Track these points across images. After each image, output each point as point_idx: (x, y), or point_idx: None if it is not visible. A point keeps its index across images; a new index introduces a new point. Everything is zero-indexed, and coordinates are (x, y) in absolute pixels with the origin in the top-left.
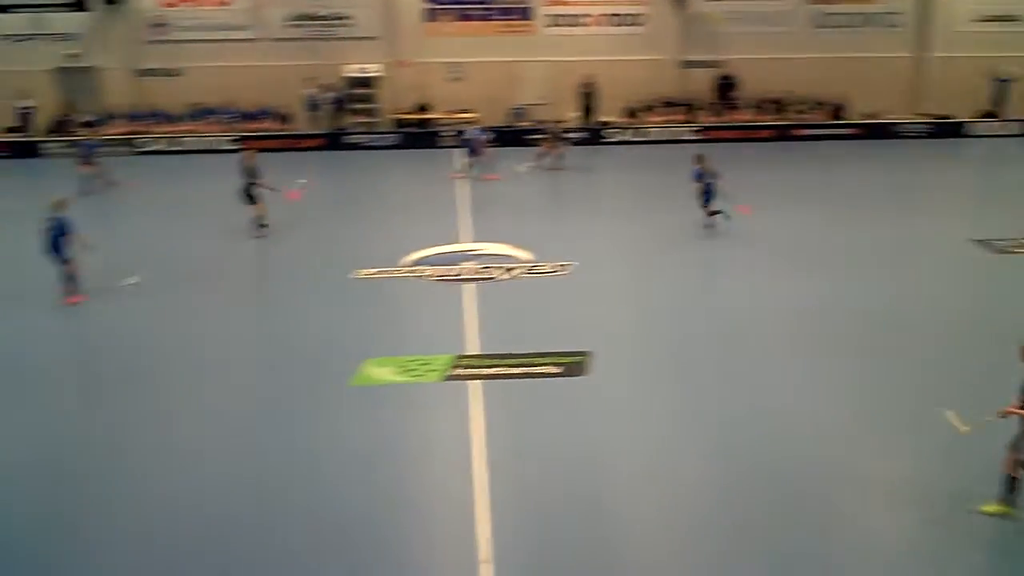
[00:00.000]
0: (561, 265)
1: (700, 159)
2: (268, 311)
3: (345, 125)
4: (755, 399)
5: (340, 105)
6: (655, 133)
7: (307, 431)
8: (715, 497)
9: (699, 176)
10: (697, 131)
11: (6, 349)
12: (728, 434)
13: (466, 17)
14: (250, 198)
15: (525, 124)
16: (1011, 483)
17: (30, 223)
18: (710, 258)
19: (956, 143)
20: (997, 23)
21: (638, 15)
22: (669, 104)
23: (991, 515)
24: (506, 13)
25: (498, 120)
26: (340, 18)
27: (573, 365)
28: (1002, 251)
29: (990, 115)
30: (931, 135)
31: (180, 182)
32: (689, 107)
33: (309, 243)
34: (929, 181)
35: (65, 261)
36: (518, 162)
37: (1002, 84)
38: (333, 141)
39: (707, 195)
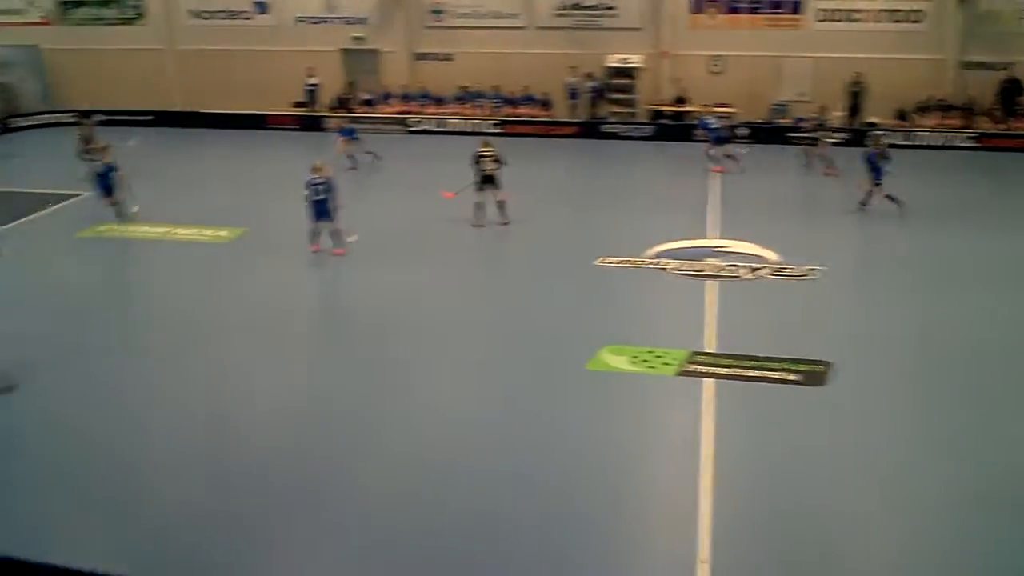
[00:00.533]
0: (809, 269)
1: (877, 141)
2: (518, 289)
3: (602, 114)
4: (1008, 429)
5: (599, 95)
6: (926, 138)
7: (539, 407)
8: (954, 527)
9: (872, 159)
10: (974, 138)
11: (276, 296)
12: (974, 462)
13: (734, 10)
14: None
15: (784, 121)
16: None
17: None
18: (974, 273)
19: None
20: None
21: (917, 11)
22: (944, 107)
23: None
24: (776, 6)
25: (757, 116)
26: (606, 8)
27: (812, 374)
28: None
29: None
30: None
31: (443, 161)
32: (967, 112)
33: (558, 227)
34: None
35: (331, 218)
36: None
37: None
38: (589, 130)
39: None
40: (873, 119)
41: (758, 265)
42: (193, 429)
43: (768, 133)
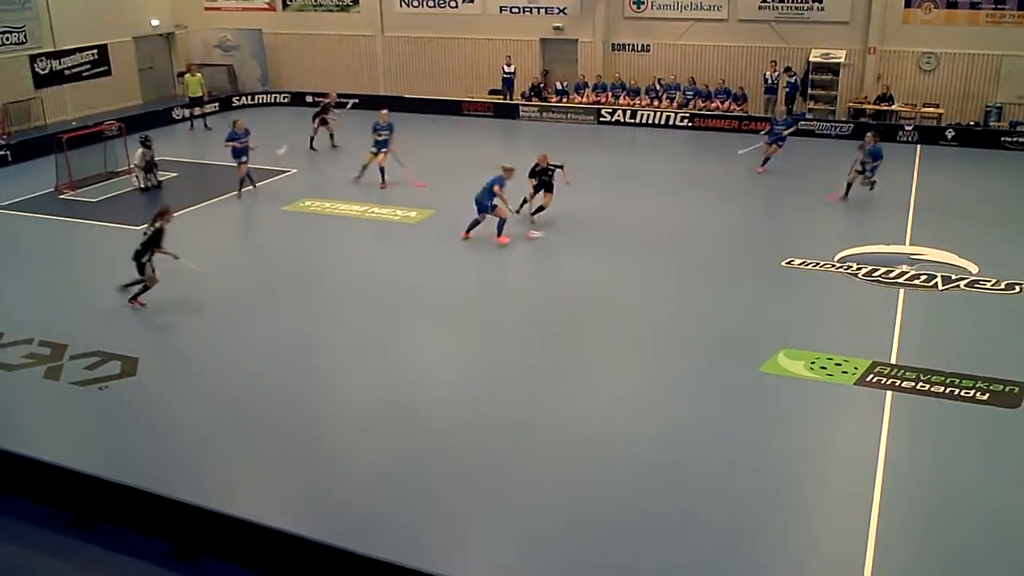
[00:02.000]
0: (1012, 284)
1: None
2: (702, 287)
3: (800, 111)
4: None
5: (798, 90)
6: None
7: (709, 406)
8: None
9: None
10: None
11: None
12: None
13: (952, 5)
14: None
15: (999, 125)
16: None
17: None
18: None
19: None
20: None
21: None
22: None
23: None
24: (999, 2)
25: (968, 118)
26: (812, 1)
27: (1005, 395)
28: None
29: None
30: None
31: (635, 152)
32: None
33: (746, 227)
34: None
35: (492, 209)
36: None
37: None
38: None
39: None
40: None
41: (954, 275)
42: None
43: (979, 136)
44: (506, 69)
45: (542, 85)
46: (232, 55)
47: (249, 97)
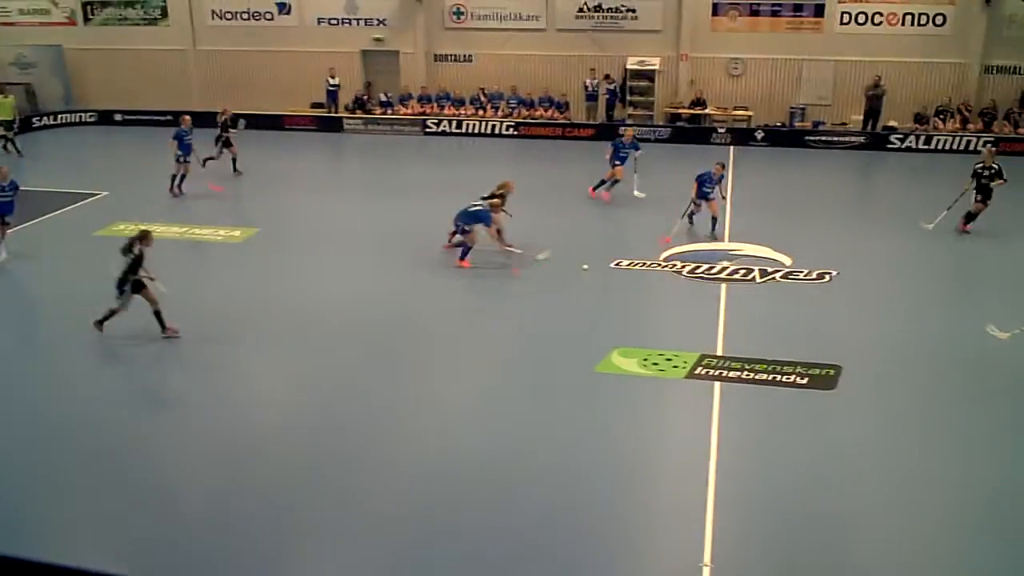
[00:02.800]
0: (822, 273)
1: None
2: (531, 292)
3: (619, 117)
4: (1013, 432)
5: (617, 97)
6: (944, 142)
7: (545, 409)
8: (963, 533)
9: None
10: (992, 142)
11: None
12: (984, 468)
13: (755, 12)
14: None
15: (803, 125)
16: None
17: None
18: (987, 273)
19: None
20: None
21: (940, 14)
22: (965, 112)
23: None
24: (798, 10)
25: (775, 119)
26: (627, 11)
27: (821, 378)
28: None
29: None
30: None
31: (462, 162)
32: (988, 116)
33: (576, 229)
34: None
35: (465, 232)
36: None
37: None
38: (606, 132)
39: None
40: (892, 123)
41: (771, 268)
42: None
43: (786, 136)
44: (330, 82)
45: (366, 97)
46: (30, 73)
47: (51, 117)
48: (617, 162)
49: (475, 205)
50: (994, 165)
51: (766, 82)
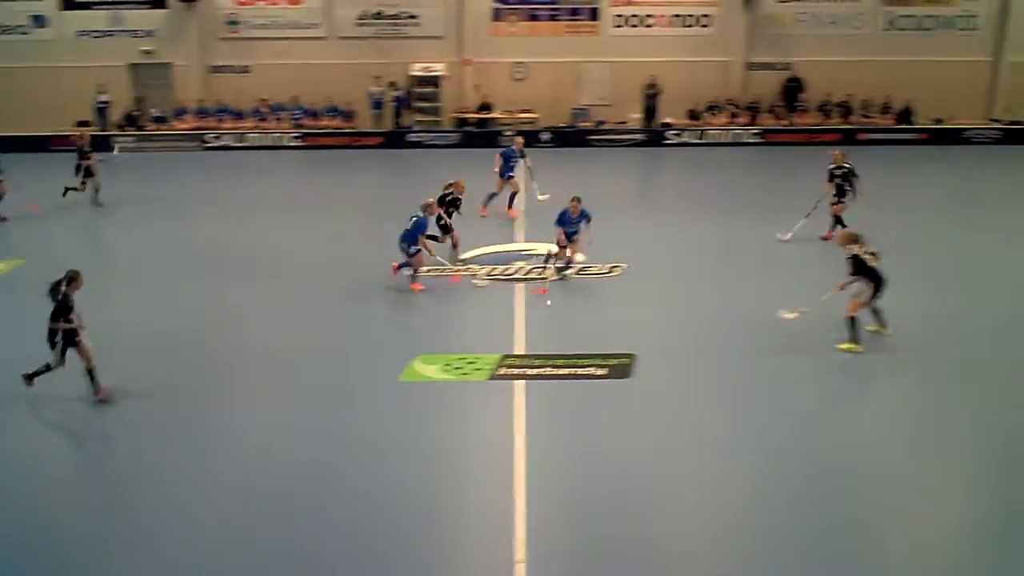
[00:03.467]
0: (613, 267)
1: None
2: (322, 305)
3: (407, 124)
4: (799, 405)
5: (404, 103)
6: (717, 135)
7: (352, 423)
8: (754, 500)
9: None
10: (759, 134)
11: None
12: (770, 439)
13: (533, 17)
14: None
15: (586, 124)
16: (852, 323)
17: None
18: (771, 262)
19: None
20: None
21: (706, 16)
22: (733, 106)
23: (846, 351)
24: (573, 13)
25: (560, 120)
26: (409, 17)
27: (618, 367)
28: None
29: None
30: (1001, 141)
31: (245, 177)
32: (754, 110)
33: (365, 238)
34: (997, 188)
35: (412, 254)
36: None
37: None
38: (394, 139)
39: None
40: (668, 120)
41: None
42: None
43: (571, 136)
44: (99, 98)
45: (137, 113)
46: None
47: None
48: (511, 174)
49: (412, 218)
50: (846, 165)
51: (549, 84)
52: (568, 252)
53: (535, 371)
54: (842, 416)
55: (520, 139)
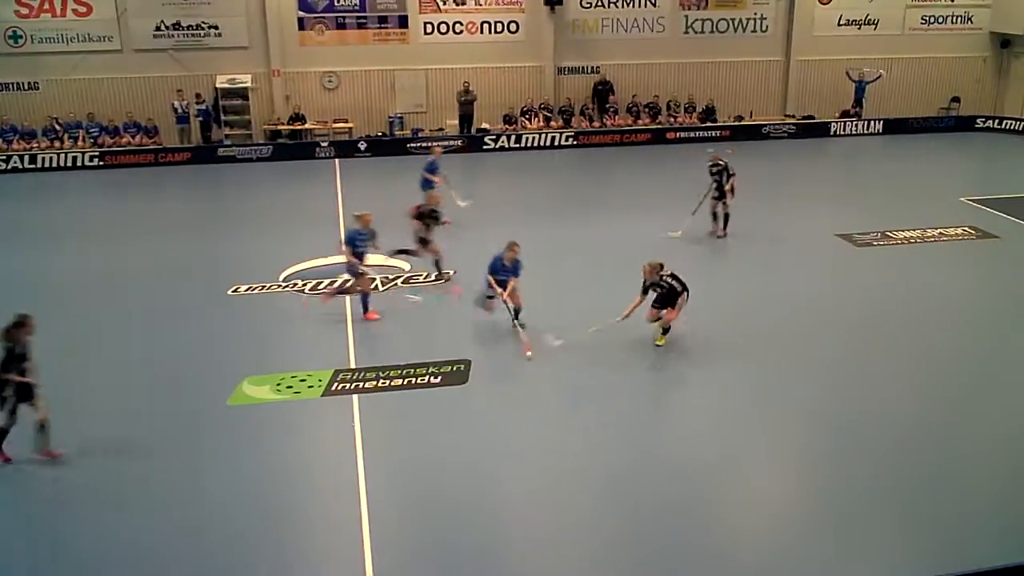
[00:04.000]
0: (441, 274)
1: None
2: (139, 331)
3: (216, 138)
4: (630, 401)
5: (211, 117)
6: (533, 139)
7: (183, 453)
8: (595, 499)
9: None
10: (573, 137)
11: None
12: (605, 435)
13: (341, 26)
14: None
15: (402, 133)
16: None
17: None
18: (594, 261)
19: (821, 142)
20: (855, 27)
21: (514, 22)
22: (547, 110)
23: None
24: (382, 22)
25: (376, 130)
26: (210, 27)
27: (453, 374)
28: (863, 244)
29: (850, 114)
30: (797, 135)
31: (39, 201)
32: (567, 113)
33: (180, 260)
34: (794, 179)
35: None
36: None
37: (862, 85)
38: (204, 155)
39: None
40: (485, 125)
41: (392, 275)
42: None
43: (389, 145)
44: None
45: None
46: None
47: None
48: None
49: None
50: (720, 162)
51: (362, 93)
52: (506, 297)
53: (371, 384)
54: (662, 413)
55: (438, 148)
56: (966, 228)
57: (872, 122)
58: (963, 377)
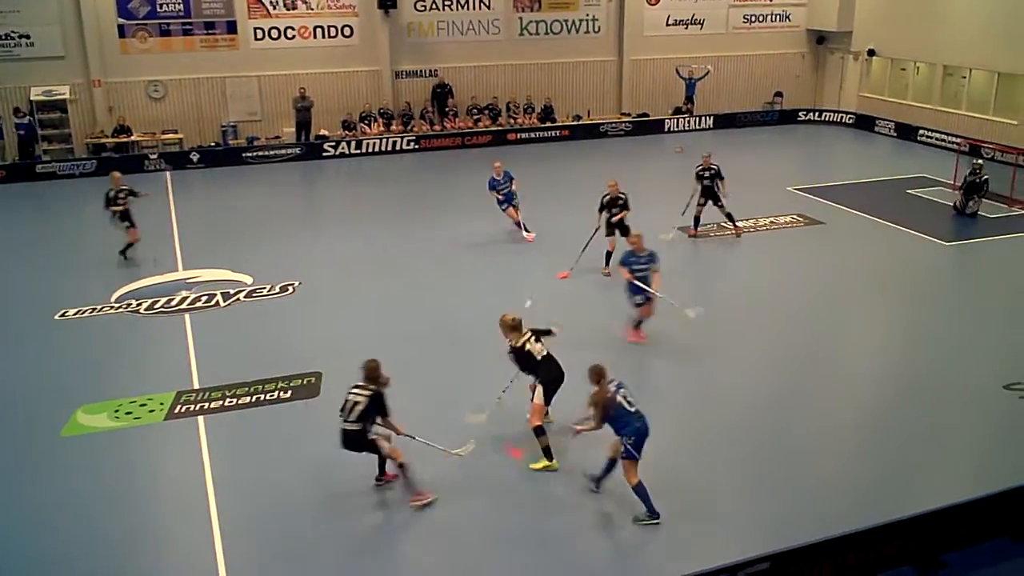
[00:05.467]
0: (285, 286)
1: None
2: None
3: (34, 153)
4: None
5: (33, 131)
6: (374, 144)
7: (16, 491)
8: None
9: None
10: (414, 140)
11: None
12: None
13: (166, 32)
14: None
15: (237, 142)
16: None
17: None
18: (450, 265)
19: (657, 138)
20: (683, 27)
21: (348, 26)
22: (386, 115)
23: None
24: (209, 27)
25: (207, 139)
26: (21, 36)
27: (304, 387)
28: (701, 236)
29: (682, 111)
30: (633, 132)
31: None
32: (407, 117)
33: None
34: (632, 176)
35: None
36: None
37: (692, 82)
38: (21, 172)
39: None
40: (323, 132)
41: (233, 290)
42: None
43: (223, 155)
44: None
45: None
46: None
47: None
48: (507, 204)
49: None
50: (713, 166)
51: (192, 102)
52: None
53: (216, 403)
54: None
55: (498, 164)
56: (795, 216)
57: (703, 118)
58: (809, 350)
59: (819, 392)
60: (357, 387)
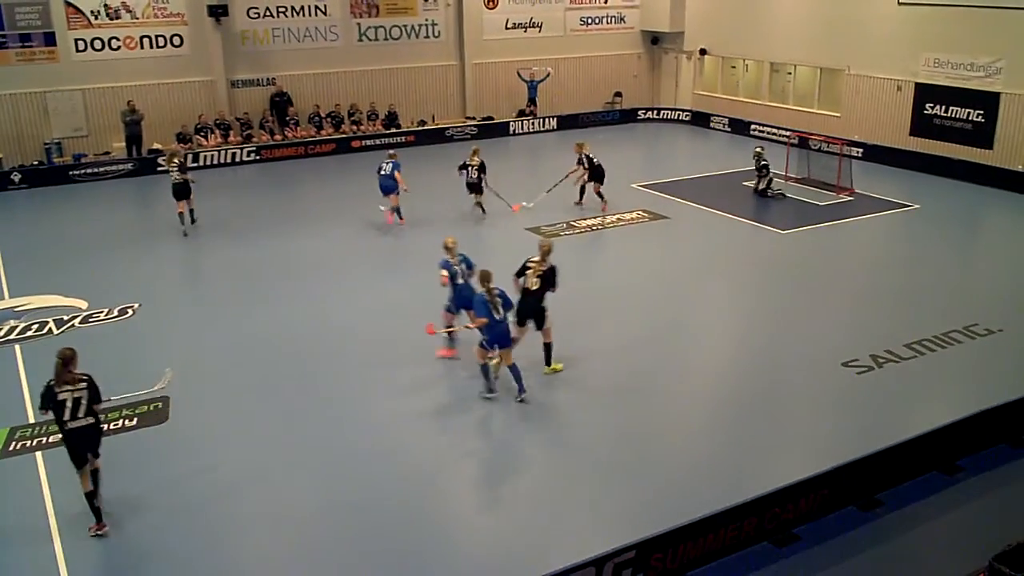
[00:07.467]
0: (124, 308)
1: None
2: None
3: None
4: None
5: None
6: (211, 156)
7: None
8: (316, 511)
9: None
10: (254, 151)
11: None
12: (321, 448)
13: None
14: None
15: (62, 160)
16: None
17: None
18: (281, 279)
19: (502, 140)
20: (522, 30)
21: (177, 35)
22: (223, 126)
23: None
24: (25, 40)
25: (30, 158)
26: None
27: (151, 414)
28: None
29: (526, 113)
30: (479, 135)
31: None
32: (246, 127)
33: None
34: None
35: None
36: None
37: (533, 84)
38: None
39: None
40: (156, 146)
41: (68, 316)
42: None
43: (48, 174)
44: None
45: None
46: None
47: None
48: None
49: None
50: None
51: (10, 119)
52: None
53: (55, 437)
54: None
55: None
56: (640, 212)
57: (547, 119)
58: (657, 338)
59: (669, 379)
60: (66, 387)
